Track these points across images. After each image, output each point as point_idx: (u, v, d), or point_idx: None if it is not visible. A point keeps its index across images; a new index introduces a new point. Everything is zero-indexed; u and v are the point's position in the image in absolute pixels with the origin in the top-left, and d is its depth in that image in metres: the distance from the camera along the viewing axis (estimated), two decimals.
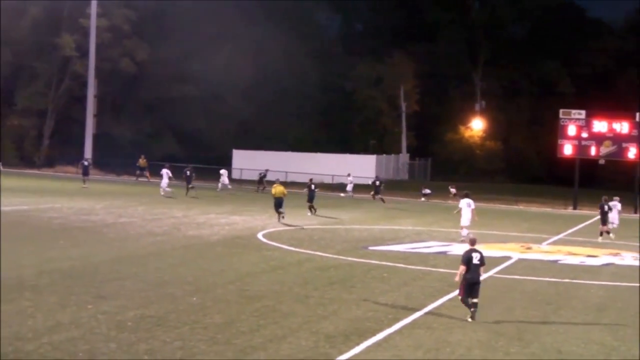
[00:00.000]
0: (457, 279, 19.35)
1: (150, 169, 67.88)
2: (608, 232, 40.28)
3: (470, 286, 19.00)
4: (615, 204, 44.80)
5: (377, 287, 22.80)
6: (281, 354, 15.27)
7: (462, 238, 34.70)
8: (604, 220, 40.53)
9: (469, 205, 36.19)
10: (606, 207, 40.56)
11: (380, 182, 60.99)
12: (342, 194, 65.83)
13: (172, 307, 18.64)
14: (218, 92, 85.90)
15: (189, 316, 17.76)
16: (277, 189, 41.78)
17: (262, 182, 65.00)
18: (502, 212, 58.24)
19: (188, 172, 55.18)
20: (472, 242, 19.81)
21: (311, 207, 45.81)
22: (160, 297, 19.72)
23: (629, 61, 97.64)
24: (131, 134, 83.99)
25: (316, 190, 47.58)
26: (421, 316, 19.15)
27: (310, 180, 47.73)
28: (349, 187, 65.96)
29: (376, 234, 37.65)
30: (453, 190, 62.21)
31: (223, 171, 64.52)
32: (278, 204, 41.16)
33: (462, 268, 19.07)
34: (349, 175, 67.12)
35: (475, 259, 19.10)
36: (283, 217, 40.72)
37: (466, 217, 35.84)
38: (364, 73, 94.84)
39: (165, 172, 54.65)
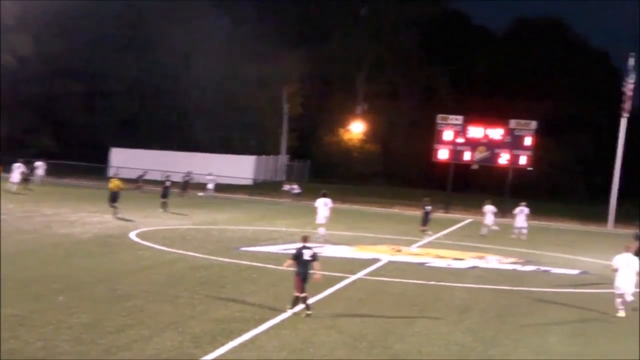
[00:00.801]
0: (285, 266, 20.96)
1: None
2: (425, 231, 40.78)
3: (303, 281, 19.90)
4: (523, 209, 46.78)
5: (247, 288, 22.97)
6: (146, 354, 15.27)
7: (319, 236, 35.58)
8: (425, 220, 40.91)
9: (326, 205, 37.23)
10: (428, 209, 40.98)
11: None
12: (200, 193, 64.89)
13: (37, 306, 18.39)
14: (101, 89, 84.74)
15: (54, 315, 17.56)
16: (114, 183, 42.15)
17: (138, 181, 64.40)
18: (378, 215, 59.16)
19: (168, 184, 48.74)
20: (304, 239, 20.62)
21: (164, 204, 45.98)
22: (25, 296, 19.43)
23: (507, 69, 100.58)
24: (8, 130, 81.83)
25: (170, 187, 48.40)
26: (288, 317, 19.39)
27: (167, 177, 48.27)
28: (210, 186, 65.46)
29: (250, 235, 37.80)
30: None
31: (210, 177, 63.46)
32: (113, 198, 41.27)
33: (290, 262, 20.33)
34: (209, 174, 66.39)
35: (307, 255, 19.96)
36: (117, 212, 40.59)
37: (322, 215, 36.57)
38: (248, 74, 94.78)
39: (17, 166, 53.18)
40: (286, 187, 68.90)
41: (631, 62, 66.19)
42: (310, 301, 19.96)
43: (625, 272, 23.25)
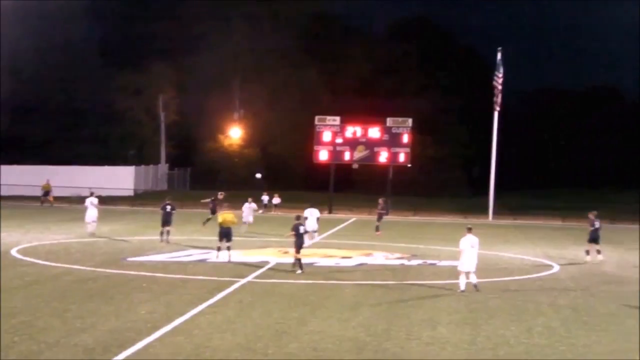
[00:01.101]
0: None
1: None
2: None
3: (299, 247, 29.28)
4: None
5: (137, 298, 22.69)
6: None
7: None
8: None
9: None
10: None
11: None
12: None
13: None
14: None
15: None
16: None
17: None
18: (263, 218, 59.15)
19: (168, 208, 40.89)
20: (298, 217, 32.34)
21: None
22: None
23: (382, 69, 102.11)
24: None
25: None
26: (181, 323, 19.26)
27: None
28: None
29: (135, 245, 37.33)
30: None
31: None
32: None
33: (290, 233, 29.83)
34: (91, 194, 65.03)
35: (301, 230, 30.23)
36: None
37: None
38: (123, 83, 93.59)
39: None
40: (265, 197, 68.11)
41: (499, 56, 68.02)
42: (200, 307, 19.85)
43: (470, 253, 25.48)
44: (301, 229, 29.82)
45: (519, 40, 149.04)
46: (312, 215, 40.05)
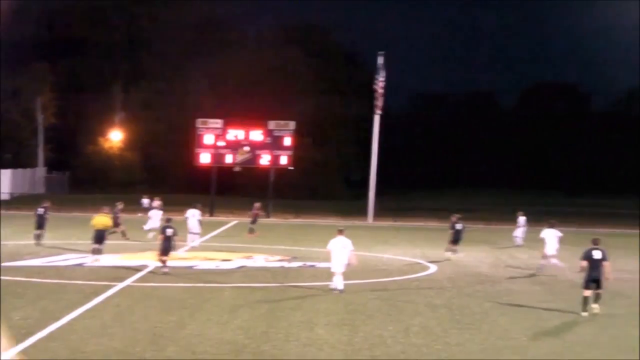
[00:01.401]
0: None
1: None
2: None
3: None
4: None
5: (11, 303, 22.15)
6: None
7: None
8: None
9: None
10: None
11: None
12: None
13: None
14: None
15: None
16: None
17: None
18: (141, 222, 58.44)
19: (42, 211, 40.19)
20: (167, 220, 30.97)
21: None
22: None
23: (265, 72, 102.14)
24: None
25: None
26: (57, 329, 18.94)
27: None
28: None
29: (11, 250, 36.35)
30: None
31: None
32: None
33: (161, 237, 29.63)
34: None
35: (169, 232, 30.08)
36: None
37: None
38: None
39: None
40: (145, 200, 66.67)
41: (380, 60, 68.86)
42: (77, 312, 19.54)
43: (340, 254, 25.87)
44: (168, 232, 29.64)
45: (401, 45, 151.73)
46: (193, 216, 39.77)
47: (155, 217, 44.34)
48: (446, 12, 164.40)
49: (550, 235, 32.97)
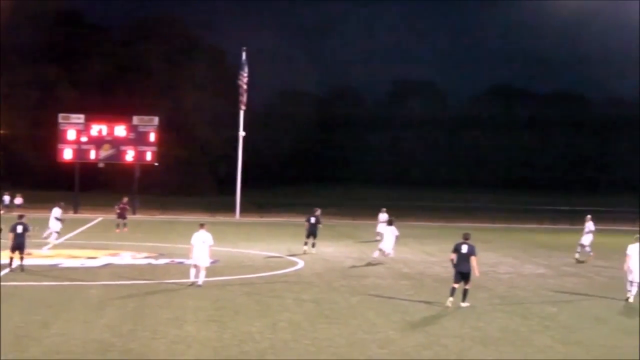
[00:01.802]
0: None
1: None
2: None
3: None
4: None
5: None
6: None
7: None
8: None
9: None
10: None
11: None
12: None
13: None
14: None
15: None
16: None
17: None
18: (4, 220, 56.76)
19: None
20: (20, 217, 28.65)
21: None
22: None
23: (129, 67, 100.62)
24: None
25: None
26: None
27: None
28: None
29: None
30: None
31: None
32: None
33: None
34: None
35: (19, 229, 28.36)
36: None
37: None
38: None
39: None
40: (6, 197, 64.10)
41: (244, 56, 68.94)
42: None
43: (201, 248, 26.38)
44: (19, 229, 28.65)
45: (266, 41, 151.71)
46: (53, 214, 38.90)
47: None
48: (310, 8, 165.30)
49: (389, 231, 35.61)
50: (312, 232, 39.37)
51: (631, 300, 25.57)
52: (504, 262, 36.93)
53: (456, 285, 24.00)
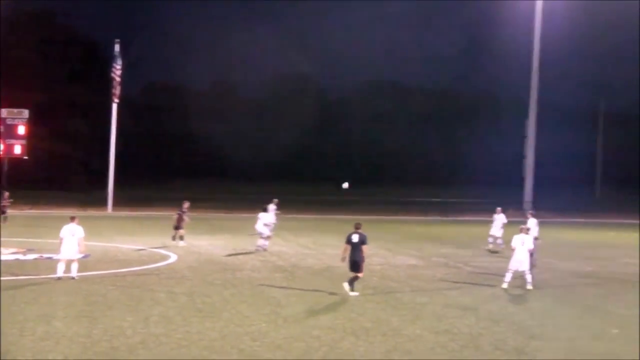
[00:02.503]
0: None
1: None
2: None
3: None
4: None
5: None
6: None
7: None
8: None
9: None
10: None
11: None
12: None
13: None
14: None
15: None
16: None
17: None
18: None
19: None
20: None
21: None
22: None
23: None
24: None
25: None
26: None
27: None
28: None
29: None
30: None
31: None
32: None
33: None
34: None
35: None
36: None
37: None
38: None
39: None
40: None
41: (117, 48, 67.84)
42: None
43: (70, 241, 26.45)
44: None
45: (140, 34, 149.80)
46: None
47: None
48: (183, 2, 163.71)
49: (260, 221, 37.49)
50: (179, 225, 39.22)
51: (530, 287, 26.50)
52: (376, 253, 37.39)
53: (352, 275, 24.68)
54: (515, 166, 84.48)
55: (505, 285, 26.73)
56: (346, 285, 24.66)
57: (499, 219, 41.55)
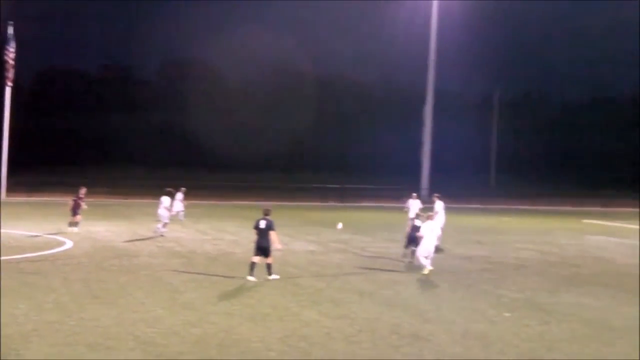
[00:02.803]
0: None
1: None
2: None
3: None
4: None
5: None
6: None
7: None
8: None
9: None
10: None
11: None
12: None
13: None
14: None
15: None
16: None
17: None
18: None
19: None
20: None
21: None
22: None
23: None
24: None
25: None
26: None
27: None
28: None
29: None
30: None
31: None
32: None
33: None
34: None
35: None
36: None
37: None
38: None
39: None
40: None
41: (10, 30, 66.16)
42: None
43: None
44: None
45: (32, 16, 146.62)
46: None
47: None
48: None
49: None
50: (75, 212, 38.57)
51: (426, 272, 26.68)
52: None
53: (255, 259, 24.82)
54: (412, 153, 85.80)
55: (426, 271, 26.74)
56: (251, 272, 24.79)
57: (415, 204, 41.96)
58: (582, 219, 60.40)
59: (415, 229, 29.06)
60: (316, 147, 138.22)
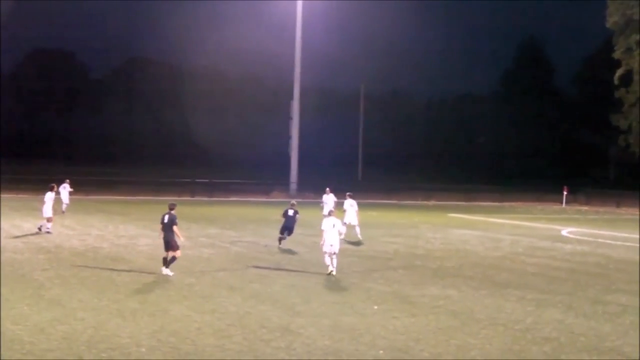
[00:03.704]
0: None
1: None
2: None
3: None
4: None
5: None
6: None
7: None
8: None
9: None
10: None
11: None
12: None
13: None
14: None
15: None
16: None
17: None
18: None
19: None
20: None
21: None
22: None
23: None
24: None
25: None
26: None
27: None
28: None
29: None
30: None
31: None
32: None
33: None
34: None
35: None
36: None
37: None
38: None
39: None
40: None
41: None
42: None
43: None
44: None
45: None
46: None
47: None
48: None
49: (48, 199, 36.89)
50: None
51: (334, 272, 26.34)
52: (143, 234, 37.17)
53: (165, 254, 25.48)
54: (282, 148, 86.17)
55: (330, 269, 26.55)
56: (164, 269, 25.26)
57: (330, 198, 42.01)
58: (447, 213, 61.90)
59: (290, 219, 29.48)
60: (185, 141, 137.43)
